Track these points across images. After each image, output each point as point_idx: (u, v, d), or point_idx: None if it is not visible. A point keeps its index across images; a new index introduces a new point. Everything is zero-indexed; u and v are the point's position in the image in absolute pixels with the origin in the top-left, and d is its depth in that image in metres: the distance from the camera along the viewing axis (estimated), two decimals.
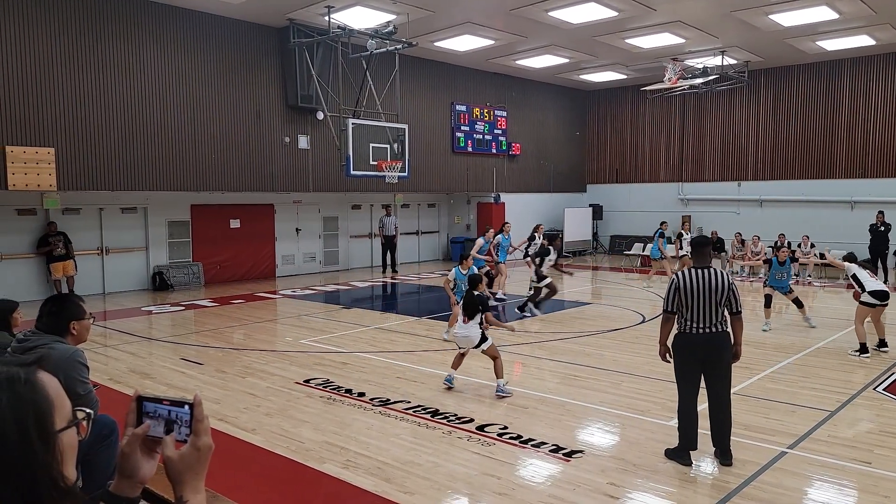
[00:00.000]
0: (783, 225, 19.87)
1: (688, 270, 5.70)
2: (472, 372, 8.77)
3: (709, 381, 5.67)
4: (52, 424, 1.16)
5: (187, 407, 1.44)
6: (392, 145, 15.58)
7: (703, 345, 5.60)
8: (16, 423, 1.10)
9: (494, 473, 5.47)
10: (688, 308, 5.61)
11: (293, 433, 6.46)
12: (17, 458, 1.09)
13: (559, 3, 14.43)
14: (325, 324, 12.37)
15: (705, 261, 5.77)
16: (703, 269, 5.67)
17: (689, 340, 5.64)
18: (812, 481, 5.37)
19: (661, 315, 6.04)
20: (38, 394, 1.15)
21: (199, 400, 1.45)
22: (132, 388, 7.98)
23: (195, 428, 1.44)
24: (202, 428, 1.45)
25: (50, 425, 1.16)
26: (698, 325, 5.59)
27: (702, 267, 5.70)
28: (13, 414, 1.10)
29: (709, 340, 5.59)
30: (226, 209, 17.73)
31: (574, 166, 26.14)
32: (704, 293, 5.55)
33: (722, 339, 5.63)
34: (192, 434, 1.44)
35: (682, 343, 5.70)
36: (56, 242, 14.30)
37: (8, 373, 1.13)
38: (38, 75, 12.90)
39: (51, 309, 3.80)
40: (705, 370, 5.64)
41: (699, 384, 5.69)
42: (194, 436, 1.44)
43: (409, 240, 22.73)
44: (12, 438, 1.09)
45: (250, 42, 16.04)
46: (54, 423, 1.17)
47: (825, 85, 20.62)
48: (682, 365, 5.72)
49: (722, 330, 5.64)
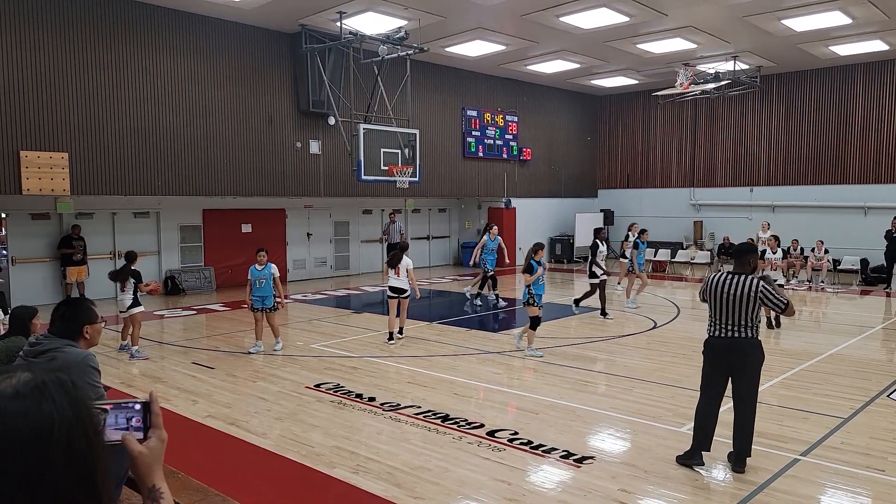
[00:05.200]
0: (796, 231, 19.74)
1: (720, 273, 5.75)
2: (483, 377, 8.77)
3: (734, 387, 5.65)
4: (100, 424, 1.17)
5: (138, 405, 1.49)
6: (403, 150, 15.61)
7: (725, 349, 5.61)
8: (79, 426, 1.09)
9: (505, 479, 5.45)
10: (711, 309, 5.71)
11: (303, 437, 6.47)
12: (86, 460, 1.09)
13: (570, 8, 14.42)
14: (335, 328, 12.39)
15: (744, 268, 5.71)
16: (735, 275, 5.64)
17: (712, 344, 5.72)
18: (825, 489, 5.32)
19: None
20: (85, 396, 1.15)
21: (154, 396, 1.51)
22: (144, 392, 8.05)
23: (155, 421, 1.49)
24: (160, 420, 1.51)
25: (99, 425, 1.16)
26: (720, 328, 5.63)
27: (737, 273, 5.67)
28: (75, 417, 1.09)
29: (730, 345, 5.59)
30: (237, 214, 17.82)
31: (585, 171, 26.09)
32: (728, 298, 5.56)
33: (744, 344, 5.57)
34: (152, 427, 1.48)
35: (706, 346, 5.79)
36: (78, 246, 14.47)
37: (55, 377, 1.12)
38: (52, 81, 13.01)
39: (65, 313, 3.81)
40: (732, 375, 5.64)
41: (721, 389, 5.71)
42: (156, 428, 1.49)
43: (419, 244, 22.74)
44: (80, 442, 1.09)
45: (263, 48, 16.12)
46: (101, 423, 1.18)
47: (838, 90, 20.49)
48: (705, 367, 5.81)
49: (746, 336, 5.57)
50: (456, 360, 9.64)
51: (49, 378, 1.11)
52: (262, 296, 10.05)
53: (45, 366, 1.19)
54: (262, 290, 10.07)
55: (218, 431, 6.63)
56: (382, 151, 15.18)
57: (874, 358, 10.17)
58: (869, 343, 11.03)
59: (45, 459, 1.05)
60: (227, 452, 6.21)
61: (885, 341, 9.55)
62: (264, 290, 10.07)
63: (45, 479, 1.04)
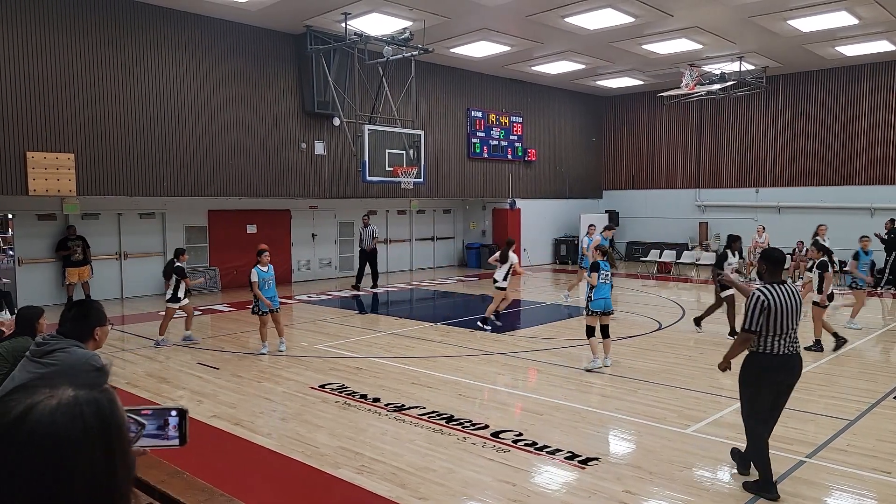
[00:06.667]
0: (802, 232, 19.64)
1: (771, 286, 5.24)
2: (488, 378, 8.77)
3: (783, 402, 5.38)
4: (129, 443, 1.17)
5: (174, 412, 1.49)
6: (408, 151, 15.63)
7: (783, 367, 5.21)
8: (105, 446, 1.09)
9: (509, 480, 5.45)
10: (771, 327, 5.15)
11: (308, 438, 6.48)
12: (103, 479, 1.09)
13: (575, 9, 14.41)
14: (340, 329, 12.40)
15: (780, 276, 5.37)
16: (782, 285, 5.28)
17: (771, 363, 5.17)
18: (831, 491, 5.30)
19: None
20: (119, 416, 1.15)
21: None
22: (149, 392, 8.08)
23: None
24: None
25: (127, 444, 1.17)
26: (780, 345, 5.18)
27: (779, 282, 5.31)
28: (102, 437, 1.09)
29: (787, 362, 5.22)
30: (242, 214, 17.86)
31: (590, 172, 26.06)
32: (788, 311, 5.17)
33: (799, 361, 5.31)
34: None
35: (763, 367, 5.20)
36: (74, 247, 14.46)
37: (91, 397, 1.12)
38: (58, 82, 13.06)
39: (76, 314, 3.82)
40: (780, 395, 5.29)
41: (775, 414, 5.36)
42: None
43: (424, 245, 22.77)
44: (100, 462, 1.09)
45: (268, 49, 16.15)
46: (130, 441, 1.18)
47: (844, 90, 20.42)
48: (758, 393, 5.23)
49: (797, 351, 5.30)
50: (460, 361, 9.64)
51: (87, 398, 1.12)
52: (270, 297, 10.02)
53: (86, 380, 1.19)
54: (269, 291, 10.02)
55: (223, 431, 6.64)
56: (387, 152, 15.21)
57: (880, 360, 10.14)
58: (875, 345, 10.99)
59: (69, 475, 1.06)
60: (233, 452, 6.22)
61: (890, 343, 9.51)
62: (271, 291, 10.04)
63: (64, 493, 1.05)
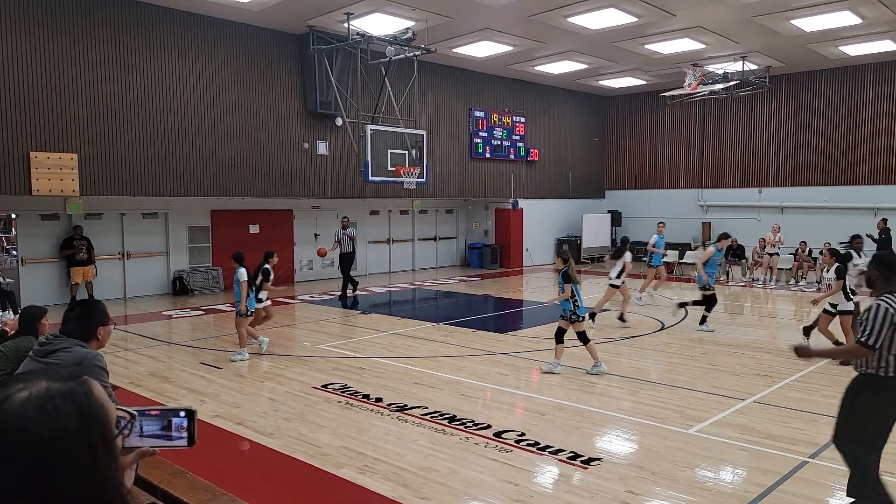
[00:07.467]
0: (805, 232, 19.65)
1: (884, 303, 4.38)
2: (490, 378, 8.76)
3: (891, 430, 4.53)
4: (112, 435, 1.18)
5: (182, 412, 1.48)
6: (410, 151, 15.63)
7: None
8: (84, 439, 1.10)
9: (512, 480, 5.45)
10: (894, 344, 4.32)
11: (311, 438, 6.48)
12: (88, 473, 1.10)
13: (578, 9, 14.41)
14: (342, 329, 12.41)
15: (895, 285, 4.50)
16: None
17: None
18: (834, 491, 5.29)
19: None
20: (98, 407, 1.16)
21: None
22: (152, 391, 8.08)
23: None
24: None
25: (110, 436, 1.17)
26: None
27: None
28: (81, 431, 1.10)
29: None
30: (245, 214, 17.88)
31: (593, 172, 26.04)
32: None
33: None
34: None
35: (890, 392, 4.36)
36: (80, 246, 14.50)
37: (66, 389, 1.13)
38: (61, 82, 13.08)
39: (80, 314, 3.83)
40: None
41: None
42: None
43: (427, 245, 22.78)
44: (83, 456, 1.10)
45: (270, 49, 16.17)
46: (113, 433, 1.19)
47: (848, 90, 20.38)
48: (884, 426, 4.40)
49: None
50: (463, 361, 9.64)
51: (60, 390, 1.12)
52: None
53: (66, 373, 1.20)
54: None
55: (226, 431, 6.64)
56: (390, 152, 15.21)
57: None
58: None
59: (50, 471, 1.06)
60: (235, 452, 6.23)
61: None
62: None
63: (48, 489, 1.05)
